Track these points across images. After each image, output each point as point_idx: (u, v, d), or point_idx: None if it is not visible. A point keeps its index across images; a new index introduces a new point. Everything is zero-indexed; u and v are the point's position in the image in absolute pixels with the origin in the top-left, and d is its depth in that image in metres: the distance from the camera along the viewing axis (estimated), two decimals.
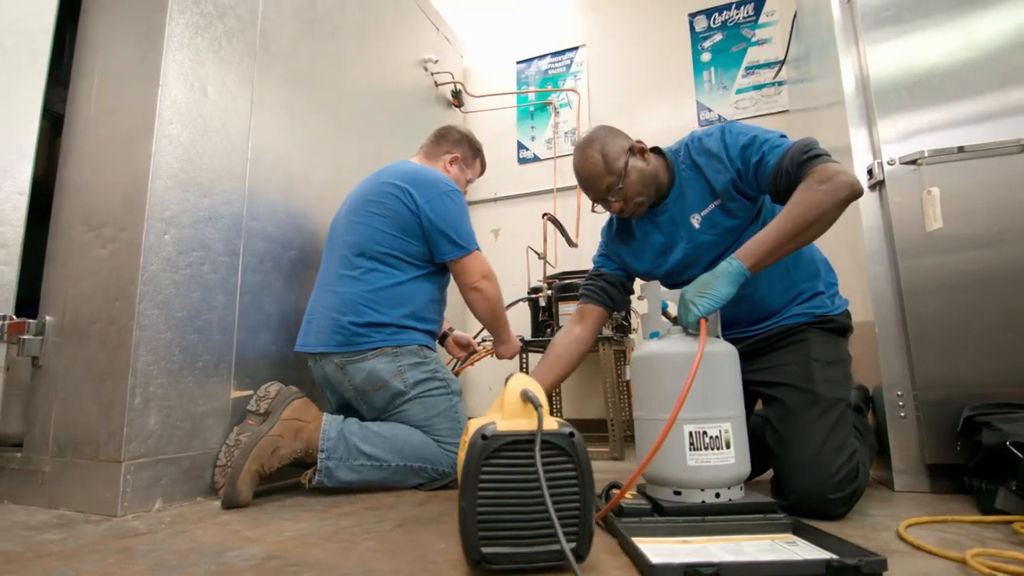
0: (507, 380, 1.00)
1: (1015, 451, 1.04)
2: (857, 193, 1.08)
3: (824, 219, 1.08)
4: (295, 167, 1.82)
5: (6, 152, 1.42)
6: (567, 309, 2.07)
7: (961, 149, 1.35)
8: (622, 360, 2.36)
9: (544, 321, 2.16)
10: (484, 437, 0.82)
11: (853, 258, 1.54)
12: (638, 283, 1.38)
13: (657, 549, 0.88)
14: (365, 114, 2.22)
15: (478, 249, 1.61)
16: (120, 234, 1.36)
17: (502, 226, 2.95)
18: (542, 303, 2.21)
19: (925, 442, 1.32)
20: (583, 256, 2.69)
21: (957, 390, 1.31)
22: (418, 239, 1.57)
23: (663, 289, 1.21)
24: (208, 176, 1.50)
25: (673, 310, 1.18)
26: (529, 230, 2.80)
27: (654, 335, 1.16)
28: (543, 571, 0.82)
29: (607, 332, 2.04)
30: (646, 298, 1.20)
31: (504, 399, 0.88)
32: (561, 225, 2.36)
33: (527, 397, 0.86)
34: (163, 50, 1.41)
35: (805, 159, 1.11)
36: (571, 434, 0.84)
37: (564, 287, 2.11)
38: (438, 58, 2.74)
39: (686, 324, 1.12)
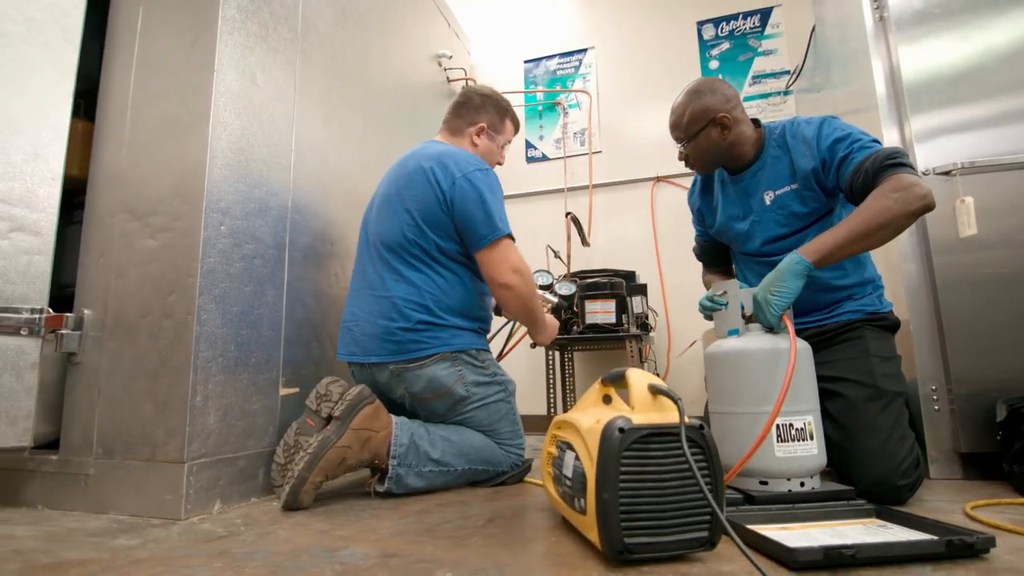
0: (612, 377, 1.03)
1: None
2: (929, 206, 1.14)
3: (892, 226, 1.14)
4: (331, 160, 1.77)
5: (39, 133, 1.34)
6: (593, 307, 2.10)
7: (976, 164, 1.47)
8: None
9: (568, 319, 2.18)
10: (621, 430, 0.84)
11: (885, 258, 1.62)
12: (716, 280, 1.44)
13: (770, 536, 0.92)
14: (386, 108, 2.18)
15: (508, 235, 1.46)
16: (174, 224, 1.30)
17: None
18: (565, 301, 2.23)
19: (960, 433, 1.42)
20: (595, 255, 2.74)
21: (989, 384, 1.41)
22: (448, 229, 1.45)
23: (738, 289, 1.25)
24: (259, 167, 1.45)
25: (748, 309, 1.22)
26: (537, 229, 2.82)
27: (733, 332, 1.20)
28: (680, 559, 0.84)
29: (634, 330, 2.08)
30: (724, 295, 1.24)
31: (631, 393, 0.90)
32: (581, 225, 2.40)
33: (659, 390, 0.88)
34: (217, 33, 1.35)
35: (887, 164, 1.17)
36: (701, 427, 0.87)
37: (590, 286, 2.13)
38: (452, 53, 2.72)
39: (766, 322, 1.17)
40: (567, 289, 1.91)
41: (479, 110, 1.65)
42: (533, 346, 1.76)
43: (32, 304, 1.28)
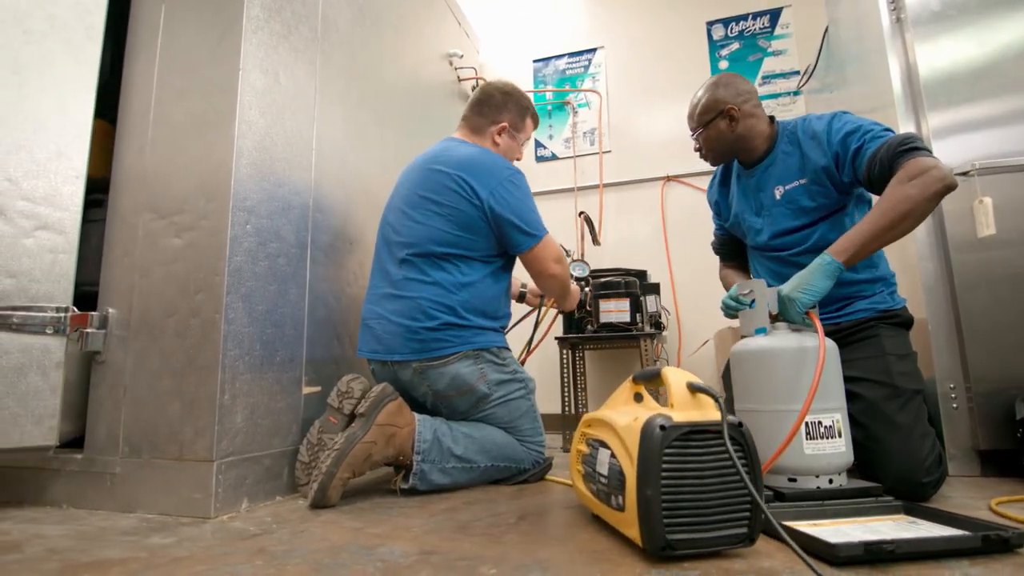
0: (645, 376, 1.03)
1: None
2: (950, 187, 1.13)
3: (915, 213, 1.14)
4: (350, 159, 1.77)
5: (63, 131, 1.33)
6: (608, 306, 2.11)
7: (995, 165, 1.48)
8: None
9: (582, 316, 2.19)
10: (663, 428, 0.84)
11: (902, 256, 1.63)
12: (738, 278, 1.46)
13: (807, 532, 0.93)
14: (400, 107, 2.18)
15: (547, 233, 1.54)
16: (200, 223, 1.30)
17: None
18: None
19: (978, 430, 1.43)
20: (605, 255, 2.74)
21: (1007, 382, 1.42)
22: (483, 234, 1.48)
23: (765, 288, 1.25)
24: (282, 166, 1.45)
25: (773, 308, 1.23)
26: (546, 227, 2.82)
27: (760, 331, 1.21)
28: (720, 555, 0.85)
29: (648, 329, 2.09)
30: (750, 293, 1.24)
31: (670, 391, 0.91)
32: (593, 224, 2.40)
33: (698, 388, 0.89)
34: (242, 31, 1.35)
35: (901, 151, 1.16)
36: (740, 424, 0.88)
37: (604, 285, 2.14)
38: (462, 52, 2.72)
39: (791, 319, 1.18)
40: (580, 269, 2.00)
41: (500, 109, 1.65)
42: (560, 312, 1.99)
43: (57, 303, 1.28)
